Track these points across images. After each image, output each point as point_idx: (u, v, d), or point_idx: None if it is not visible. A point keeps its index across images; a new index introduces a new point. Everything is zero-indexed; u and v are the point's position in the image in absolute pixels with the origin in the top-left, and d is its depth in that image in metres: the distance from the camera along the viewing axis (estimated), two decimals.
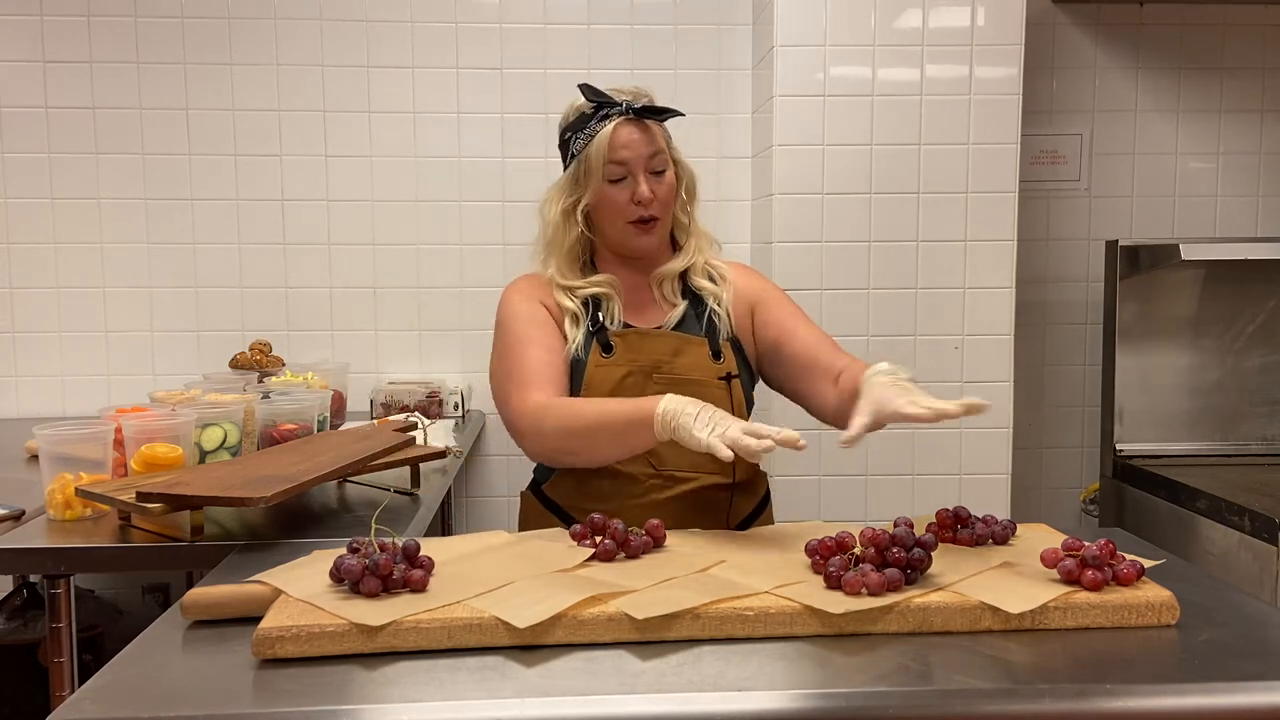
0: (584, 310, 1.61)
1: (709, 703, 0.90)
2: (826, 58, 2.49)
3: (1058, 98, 2.90)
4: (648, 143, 1.57)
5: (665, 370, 1.58)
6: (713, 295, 1.65)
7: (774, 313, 1.65)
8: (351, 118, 2.79)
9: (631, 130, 1.56)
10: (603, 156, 1.56)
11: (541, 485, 1.69)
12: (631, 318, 1.63)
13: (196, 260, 2.80)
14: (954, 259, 2.53)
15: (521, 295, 1.64)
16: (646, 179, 1.56)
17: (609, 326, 1.60)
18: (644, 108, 1.58)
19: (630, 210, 1.58)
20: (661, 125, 1.61)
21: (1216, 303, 2.81)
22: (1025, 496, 2.89)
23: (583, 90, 1.60)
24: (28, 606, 2.44)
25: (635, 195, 1.56)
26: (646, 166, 1.56)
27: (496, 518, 2.90)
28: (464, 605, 1.04)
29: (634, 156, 1.56)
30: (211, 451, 1.68)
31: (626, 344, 1.59)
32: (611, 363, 1.58)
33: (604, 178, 1.57)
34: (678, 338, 1.61)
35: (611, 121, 1.56)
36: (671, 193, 1.60)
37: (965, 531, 1.28)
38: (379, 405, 2.60)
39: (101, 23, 2.72)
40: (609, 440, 1.43)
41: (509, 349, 1.58)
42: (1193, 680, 0.95)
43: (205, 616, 1.09)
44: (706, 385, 1.58)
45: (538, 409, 1.48)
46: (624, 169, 1.56)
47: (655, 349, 1.60)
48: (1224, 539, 2.30)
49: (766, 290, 1.69)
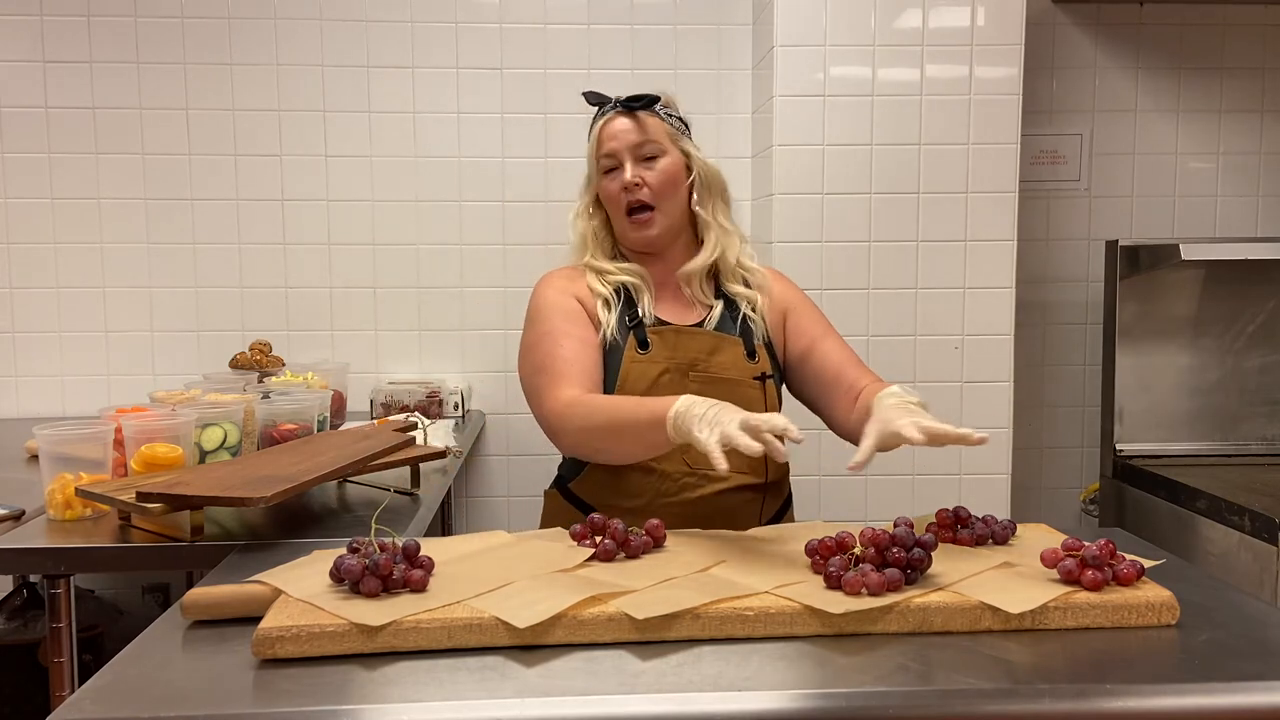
0: (615, 298, 1.61)
1: (709, 703, 0.90)
2: (826, 58, 2.49)
3: (1058, 98, 2.90)
4: (635, 131, 1.59)
5: (701, 368, 1.59)
6: (747, 300, 1.65)
7: (805, 323, 1.66)
8: (351, 118, 2.79)
9: (619, 121, 1.60)
10: (595, 150, 1.62)
11: (569, 483, 1.67)
12: (664, 313, 1.63)
13: (196, 260, 2.80)
14: (954, 259, 2.53)
15: (553, 288, 1.63)
16: (634, 165, 1.59)
17: (644, 321, 1.60)
18: (629, 98, 1.61)
19: (622, 198, 1.60)
20: (662, 119, 1.62)
21: (1216, 303, 2.81)
22: (1025, 496, 2.89)
23: (585, 97, 1.66)
24: (28, 606, 2.44)
25: (622, 182, 1.59)
26: (635, 155, 1.59)
27: (496, 518, 2.90)
28: (464, 605, 1.04)
29: (621, 146, 1.59)
30: (211, 451, 1.68)
31: (664, 341, 1.59)
32: (648, 359, 1.57)
33: (599, 170, 1.62)
34: (714, 336, 1.61)
35: (604, 118, 1.62)
36: (666, 180, 1.60)
37: (965, 531, 1.29)
38: (379, 405, 2.60)
39: (101, 23, 2.72)
40: (632, 440, 1.41)
41: (539, 341, 1.58)
42: (1193, 680, 0.95)
43: (205, 616, 1.09)
44: (741, 385, 1.58)
45: (565, 406, 1.47)
46: (613, 159, 1.60)
47: (692, 347, 1.60)
48: (1224, 539, 2.30)
49: (800, 299, 1.70)
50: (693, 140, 1.66)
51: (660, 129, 1.61)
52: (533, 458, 2.85)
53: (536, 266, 2.79)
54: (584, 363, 1.53)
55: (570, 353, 1.53)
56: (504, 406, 2.86)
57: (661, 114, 1.63)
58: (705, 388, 1.55)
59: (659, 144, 1.60)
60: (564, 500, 1.66)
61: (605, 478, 1.59)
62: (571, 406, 1.46)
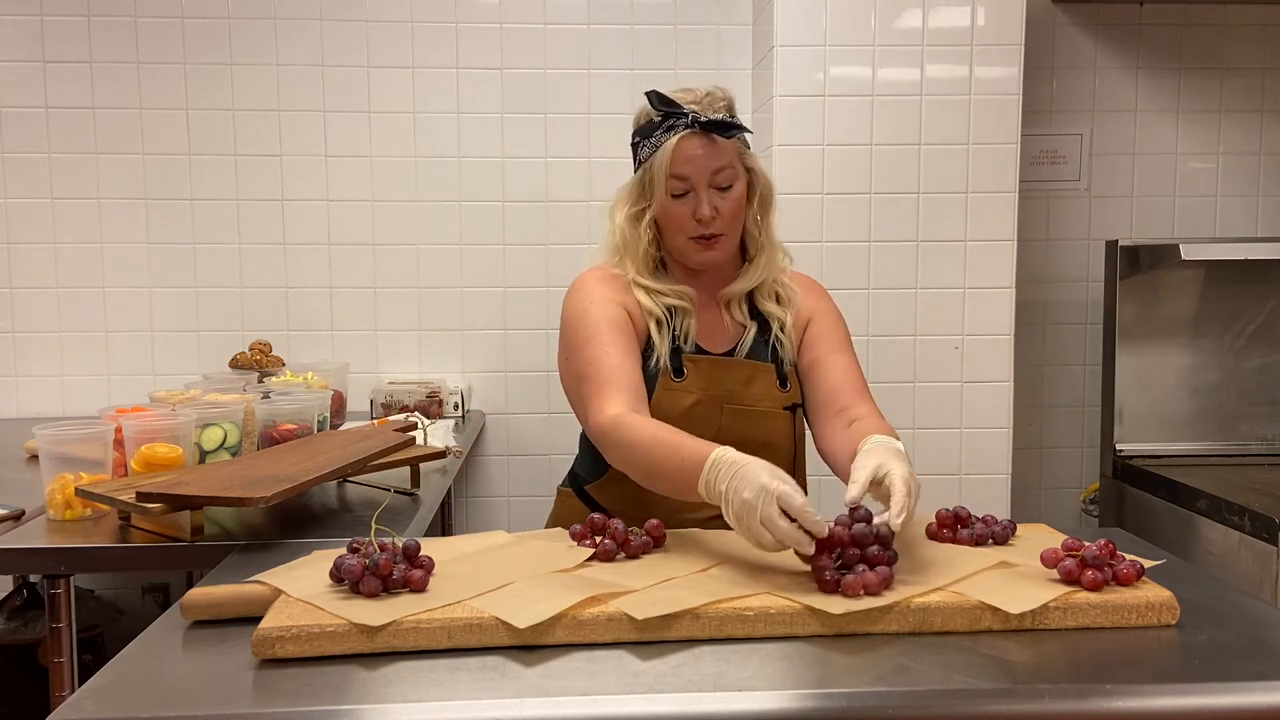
0: (667, 318, 1.54)
1: (709, 703, 0.90)
2: (826, 58, 2.49)
3: (1058, 98, 2.90)
4: (712, 156, 1.49)
5: (736, 400, 1.54)
6: (778, 320, 1.60)
7: (820, 335, 1.61)
8: (351, 118, 2.79)
9: (696, 144, 1.48)
10: (665, 170, 1.49)
11: (586, 485, 1.63)
12: (701, 338, 1.57)
13: (196, 260, 2.80)
14: (954, 259, 2.53)
15: (597, 295, 1.54)
16: (709, 195, 1.49)
17: (682, 347, 1.55)
18: (711, 122, 1.48)
19: (692, 226, 1.51)
20: (734, 139, 1.52)
21: (1216, 303, 2.81)
22: (1025, 496, 2.89)
23: (649, 98, 1.52)
24: (28, 606, 2.44)
25: (696, 213, 1.50)
26: (710, 182, 1.49)
27: (496, 518, 2.90)
28: (464, 605, 1.04)
29: (696, 172, 1.49)
30: (211, 451, 1.68)
31: (699, 370, 1.54)
32: (682, 388, 1.52)
33: (666, 191, 1.51)
34: (750, 366, 1.56)
35: (676, 134, 1.48)
36: (738, 208, 1.53)
37: (965, 531, 1.28)
38: (379, 405, 2.60)
39: (101, 23, 2.72)
40: (664, 485, 1.33)
41: (582, 347, 1.50)
42: (1193, 680, 0.95)
43: (205, 616, 1.09)
44: (772, 416, 1.55)
45: (608, 426, 1.39)
46: (686, 184, 1.50)
47: (728, 379, 1.54)
48: (1224, 539, 2.30)
49: (823, 311, 1.64)
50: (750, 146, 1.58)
51: (734, 152, 1.52)
52: (533, 458, 2.85)
53: (536, 266, 2.85)
54: (630, 374, 1.46)
55: (617, 362, 1.45)
56: (504, 406, 2.86)
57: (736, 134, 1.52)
58: (738, 420, 1.52)
59: (734, 170, 1.51)
60: (579, 501, 1.64)
61: (626, 488, 1.49)
62: (615, 429, 1.38)
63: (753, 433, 1.52)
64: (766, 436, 1.54)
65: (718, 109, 1.52)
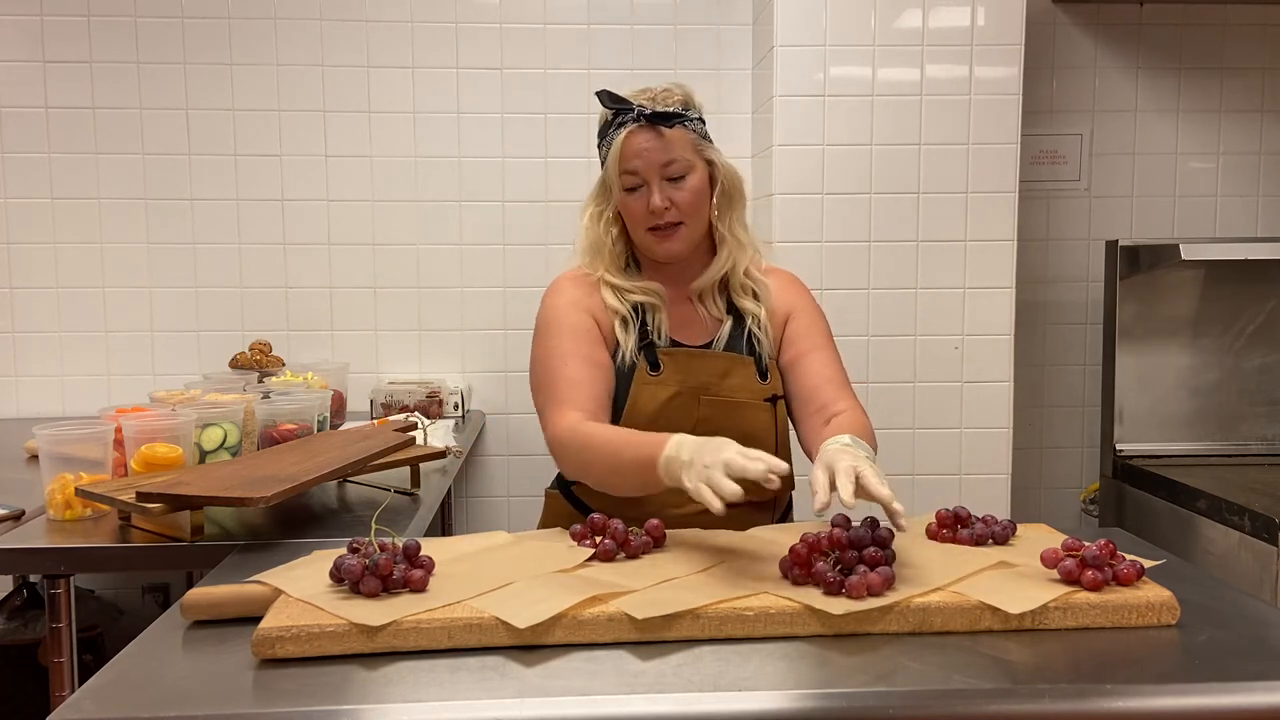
0: (633, 316, 1.55)
1: (709, 703, 0.91)
2: (826, 58, 2.49)
3: (1058, 98, 2.90)
4: (661, 150, 1.50)
5: (713, 392, 1.54)
6: (753, 315, 1.60)
7: (799, 331, 1.61)
8: (351, 118, 2.79)
9: (644, 137, 1.51)
10: (616, 165, 1.52)
11: (571, 486, 1.63)
12: (676, 332, 1.58)
13: (196, 260, 2.80)
14: (954, 259, 2.53)
15: (565, 298, 1.56)
16: (661, 187, 1.51)
17: (656, 342, 1.56)
18: (654, 114, 1.51)
19: (647, 218, 1.53)
20: (687, 129, 1.53)
21: (1216, 303, 2.81)
22: (1025, 496, 2.89)
23: (599, 97, 1.55)
24: (28, 606, 2.44)
25: (649, 204, 1.51)
26: (662, 174, 1.51)
27: (496, 518, 2.90)
28: (464, 605, 1.04)
29: (646, 165, 1.50)
30: (211, 451, 1.68)
31: (675, 363, 1.54)
32: (658, 382, 1.53)
33: (621, 186, 1.53)
34: (727, 358, 1.57)
35: (625, 129, 1.51)
36: (696, 198, 1.53)
37: (965, 531, 1.29)
38: (379, 405, 2.60)
39: (101, 23, 2.72)
40: (628, 482, 1.36)
41: (546, 357, 1.52)
42: (1193, 680, 0.95)
43: (205, 616, 1.09)
44: (751, 407, 1.55)
45: (564, 434, 1.42)
46: (637, 178, 1.52)
47: (704, 370, 1.55)
48: (1224, 539, 2.30)
49: (803, 306, 1.64)
50: (710, 139, 1.58)
51: (686, 142, 1.53)
52: (533, 458, 2.85)
53: (536, 266, 2.84)
54: (589, 385, 1.47)
55: (575, 373, 1.48)
56: (504, 406, 2.86)
57: (686, 124, 1.54)
58: (716, 412, 1.52)
59: (687, 161, 1.52)
60: (566, 503, 1.65)
61: None
62: (570, 436, 1.41)
63: (732, 424, 1.50)
64: (747, 428, 1.53)
65: (670, 104, 1.54)
